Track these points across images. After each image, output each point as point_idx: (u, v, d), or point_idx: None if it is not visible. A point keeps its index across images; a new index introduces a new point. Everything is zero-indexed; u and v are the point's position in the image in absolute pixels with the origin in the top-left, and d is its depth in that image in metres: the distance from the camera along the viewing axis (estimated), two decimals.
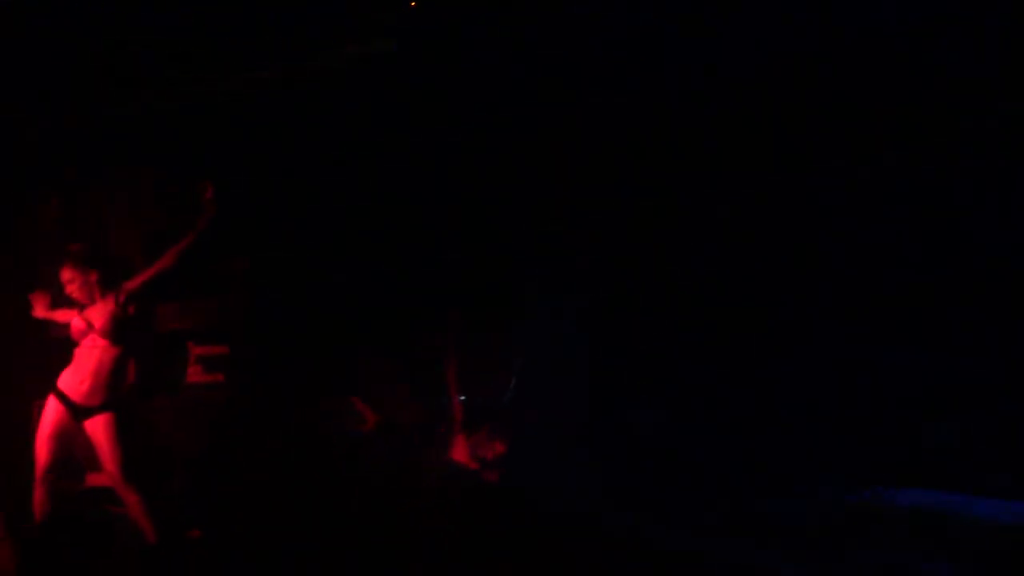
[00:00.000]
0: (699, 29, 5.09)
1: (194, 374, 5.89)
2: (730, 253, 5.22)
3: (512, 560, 4.35)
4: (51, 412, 4.86)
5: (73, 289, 4.92)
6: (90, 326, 4.88)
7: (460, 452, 5.37)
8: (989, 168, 4.61)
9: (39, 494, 4.85)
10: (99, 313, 4.91)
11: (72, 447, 4.93)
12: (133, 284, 4.95)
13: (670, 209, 5.35)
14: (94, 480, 5.48)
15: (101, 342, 4.87)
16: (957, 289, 4.67)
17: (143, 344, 5.17)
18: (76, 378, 4.88)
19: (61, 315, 5.01)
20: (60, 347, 5.09)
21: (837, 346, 4.97)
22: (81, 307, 4.95)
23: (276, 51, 5.60)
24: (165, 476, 5.38)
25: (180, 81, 5.75)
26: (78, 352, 4.92)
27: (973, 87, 4.58)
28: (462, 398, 5.66)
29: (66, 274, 4.90)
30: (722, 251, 5.23)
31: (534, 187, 5.58)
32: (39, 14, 5.34)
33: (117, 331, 4.87)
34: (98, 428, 4.77)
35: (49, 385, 5.16)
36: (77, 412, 4.84)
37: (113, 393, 4.87)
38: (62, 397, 4.88)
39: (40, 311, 5.01)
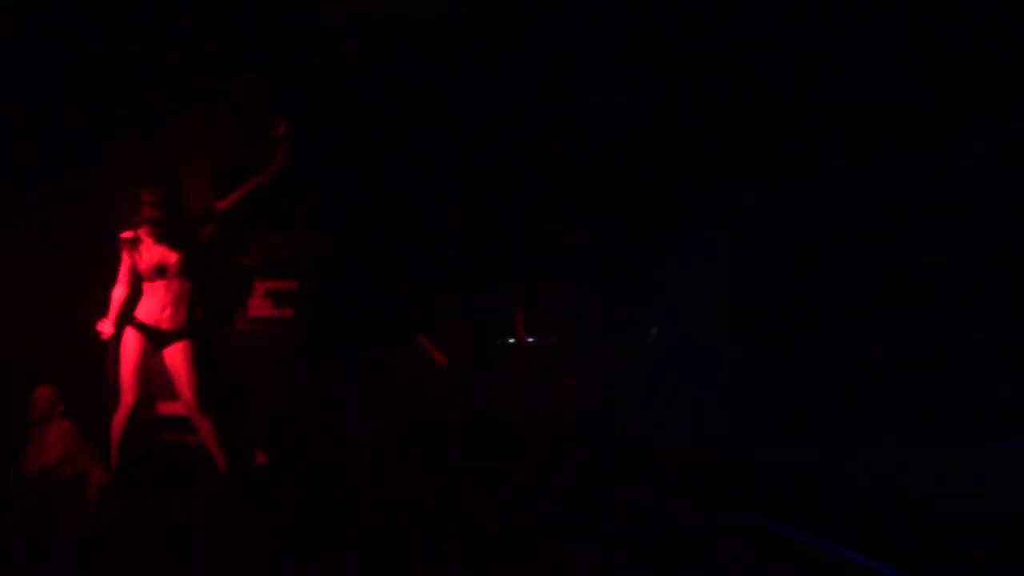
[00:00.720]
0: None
1: (263, 308, 5.92)
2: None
3: (632, 493, 4.35)
4: (131, 343, 4.98)
5: (150, 226, 4.98)
6: (165, 263, 4.97)
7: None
8: None
9: (120, 422, 5.00)
10: (174, 249, 5.00)
11: (150, 377, 5.07)
12: (206, 221, 5.09)
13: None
14: (165, 408, 5.59)
15: (175, 274, 4.99)
16: None
17: (214, 276, 5.31)
18: (154, 308, 5.00)
19: (142, 253, 5.06)
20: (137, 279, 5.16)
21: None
22: (155, 242, 5.02)
23: None
24: (237, 405, 5.46)
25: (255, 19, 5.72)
26: (154, 284, 5.02)
27: None
28: (529, 340, 5.70)
29: (146, 211, 4.97)
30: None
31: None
32: None
33: (190, 266, 4.99)
34: (176, 356, 4.92)
35: (125, 316, 5.28)
36: (156, 341, 4.96)
37: (188, 322, 5.01)
38: (141, 327, 5.00)
39: (127, 253, 5.06)
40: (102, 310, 5.43)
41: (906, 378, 4.73)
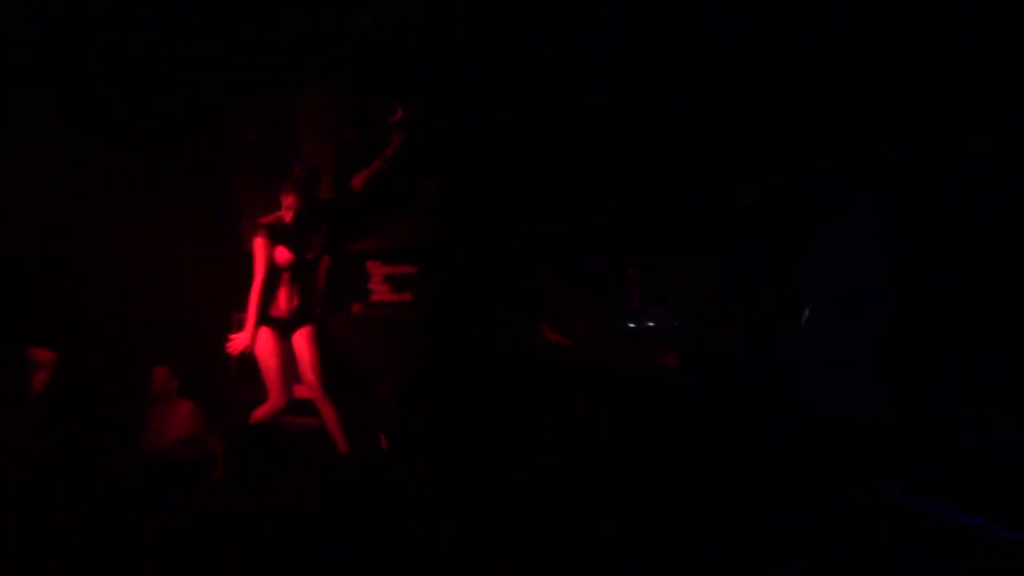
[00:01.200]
0: None
1: (382, 292, 5.92)
2: None
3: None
4: (267, 342, 4.97)
5: (291, 215, 4.92)
6: (302, 253, 4.96)
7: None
8: None
9: (262, 415, 5.03)
10: (307, 238, 4.99)
11: (293, 370, 5.06)
12: (343, 205, 5.25)
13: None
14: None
15: (313, 262, 5.05)
16: None
17: (334, 261, 5.37)
18: (284, 299, 4.99)
19: (278, 251, 5.03)
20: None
21: None
22: (289, 233, 4.96)
23: None
24: (358, 389, 5.49)
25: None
26: (287, 275, 5.00)
27: None
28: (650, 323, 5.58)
29: (288, 199, 4.90)
30: None
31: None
32: None
33: (320, 252, 5.06)
34: (301, 341, 4.94)
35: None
36: (284, 330, 4.98)
37: (312, 307, 5.03)
38: (272, 322, 5.00)
39: (261, 245, 4.97)
40: (225, 295, 5.68)
41: None
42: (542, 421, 5.03)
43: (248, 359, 5.39)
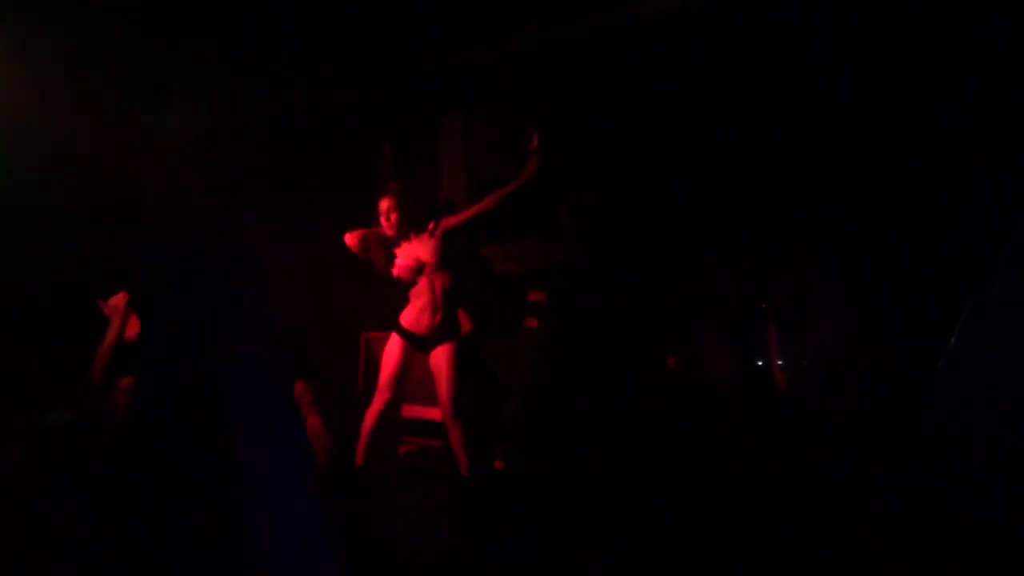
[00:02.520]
0: None
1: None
2: None
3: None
4: (394, 346, 5.05)
5: (388, 225, 5.08)
6: (420, 263, 5.03)
7: None
8: None
9: (371, 420, 5.09)
10: (423, 249, 5.08)
11: (407, 380, 5.16)
12: (451, 222, 5.11)
13: None
14: (410, 412, 5.71)
15: (433, 275, 5.06)
16: None
17: (475, 281, 5.41)
18: (416, 312, 5.08)
19: (399, 254, 5.16)
20: (386, 282, 5.30)
21: None
22: (395, 244, 5.12)
23: None
24: (484, 411, 5.44)
25: (514, 28, 5.74)
26: (414, 290, 5.11)
27: None
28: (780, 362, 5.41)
29: (384, 204, 5.12)
30: None
31: None
32: None
33: (444, 264, 5.04)
34: (439, 359, 4.95)
35: (382, 318, 5.47)
36: (419, 345, 5.02)
37: (450, 326, 5.05)
38: (403, 332, 5.07)
39: (375, 251, 5.19)
40: (356, 313, 5.83)
41: None
42: (668, 449, 4.95)
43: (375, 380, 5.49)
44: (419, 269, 5.08)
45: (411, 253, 5.16)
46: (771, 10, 4.99)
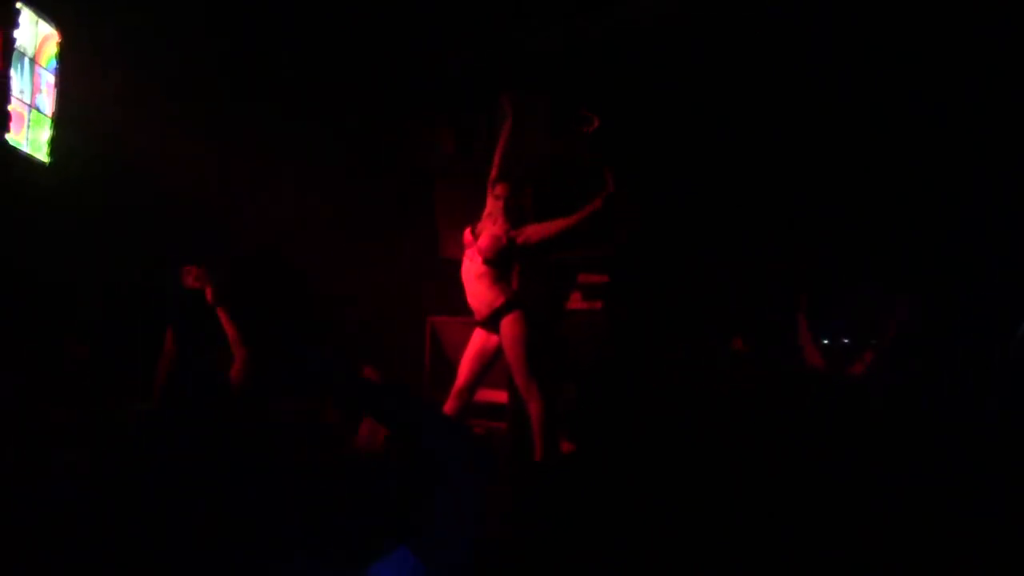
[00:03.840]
0: None
1: (574, 300, 5.89)
2: None
3: None
4: (477, 335, 4.93)
5: (494, 207, 4.92)
6: (475, 239, 4.90)
7: None
8: None
9: (450, 407, 4.93)
10: (488, 234, 4.89)
11: (487, 370, 4.98)
12: (533, 236, 4.87)
13: None
14: (479, 396, 5.45)
15: (479, 258, 4.88)
16: None
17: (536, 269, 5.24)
18: (471, 296, 4.93)
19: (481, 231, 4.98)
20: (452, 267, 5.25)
21: None
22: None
23: None
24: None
25: (579, 15, 5.78)
26: (463, 273, 4.96)
27: None
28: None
29: (498, 189, 4.94)
30: None
31: None
32: None
33: (498, 259, 4.84)
34: (505, 335, 4.74)
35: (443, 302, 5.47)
36: (489, 325, 4.87)
37: (518, 300, 4.82)
38: (479, 323, 4.96)
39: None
40: (420, 300, 5.83)
41: None
42: (729, 431, 4.80)
43: (440, 362, 5.58)
44: (504, 249, 4.87)
45: (478, 230, 4.98)
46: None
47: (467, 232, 4.87)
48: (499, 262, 4.79)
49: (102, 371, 3.97)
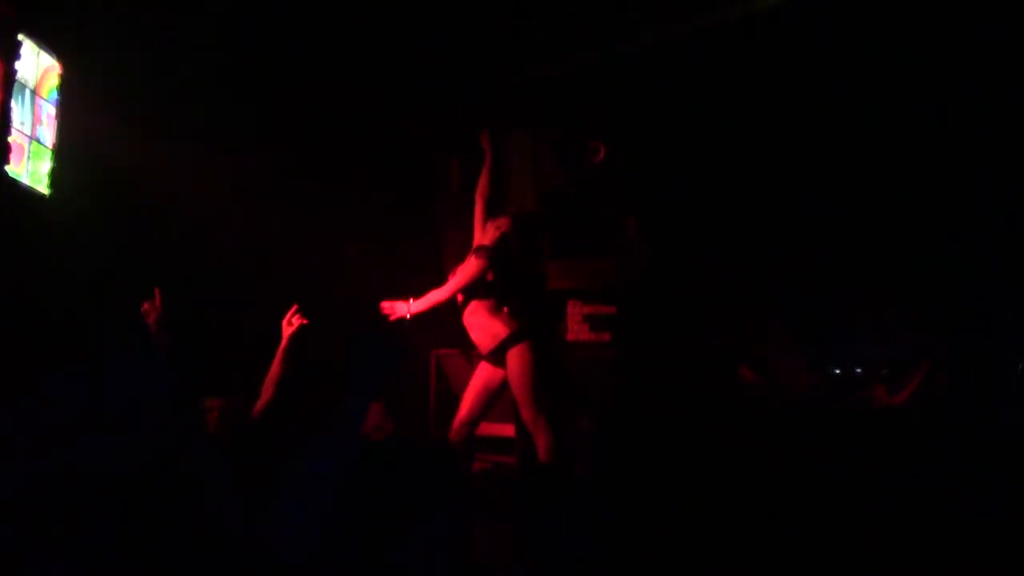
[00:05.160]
0: None
1: (580, 332, 5.83)
2: None
3: None
4: (482, 368, 4.81)
5: (498, 240, 4.72)
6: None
7: None
8: None
9: (452, 439, 4.82)
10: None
11: (491, 403, 4.86)
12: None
13: None
14: (483, 429, 5.33)
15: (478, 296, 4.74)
16: None
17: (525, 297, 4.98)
18: (473, 333, 4.80)
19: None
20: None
21: None
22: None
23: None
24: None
25: (581, 45, 5.73)
26: (462, 314, 4.82)
27: None
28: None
29: (504, 223, 4.74)
30: None
31: None
32: None
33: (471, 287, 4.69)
34: (511, 367, 4.61)
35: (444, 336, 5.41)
36: (494, 358, 4.74)
37: (523, 329, 4.65)
38: (479, 355, 4.85)
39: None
40: (426, 334, 5.67)
41: None
42: (741, 461, 4.73)
43: (445, 396, 5.48)
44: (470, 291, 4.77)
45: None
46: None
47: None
48: (473, 289, 4.65)
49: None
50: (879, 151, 5.20)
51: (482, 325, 4.69)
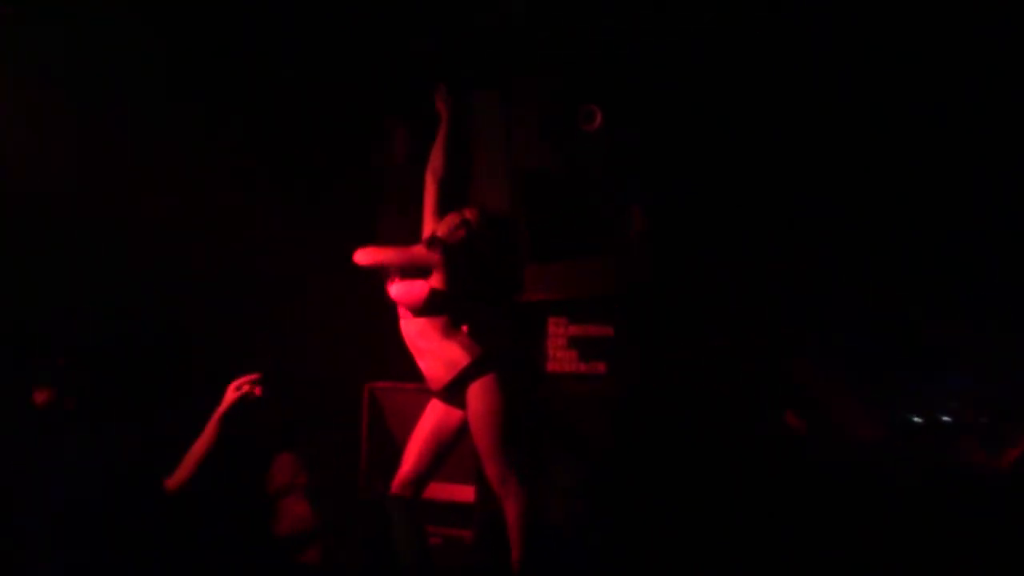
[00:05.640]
0: None
1: (566, 361, 4.88)
2: None
3: None
4: (432, 408, 4.17)
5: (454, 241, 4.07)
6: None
7: None
8: None
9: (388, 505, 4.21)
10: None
11: (444, 456, 4.16)
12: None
13: None
14: (436, 492, 4.65)
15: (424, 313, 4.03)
16: None
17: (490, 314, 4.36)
18: (422, 361, 4.11)
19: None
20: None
21: None
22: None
23: None
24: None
25: None
26: (404, 336, 4.13)
27: None
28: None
29: (471, 214, 4.13)
30: None
31: None
32: None
33: (430, 307, 4.00)
34: (473, 407, 3.99)
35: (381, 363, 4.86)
36: (449, 394, 4.06)
37: (488, 358, 4.00)
38: (429, 391, 4.22)
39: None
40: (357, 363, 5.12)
41: None
42: (781, 542, 4.05)
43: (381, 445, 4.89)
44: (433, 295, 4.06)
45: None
46: None
47: (388, 284, 4.07)
48: (431, 309, 3.97)
49: None
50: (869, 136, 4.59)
51: (433, 350, 4.07)
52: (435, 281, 3.87)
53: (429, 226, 4.15)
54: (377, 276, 4.73)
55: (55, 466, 3.33)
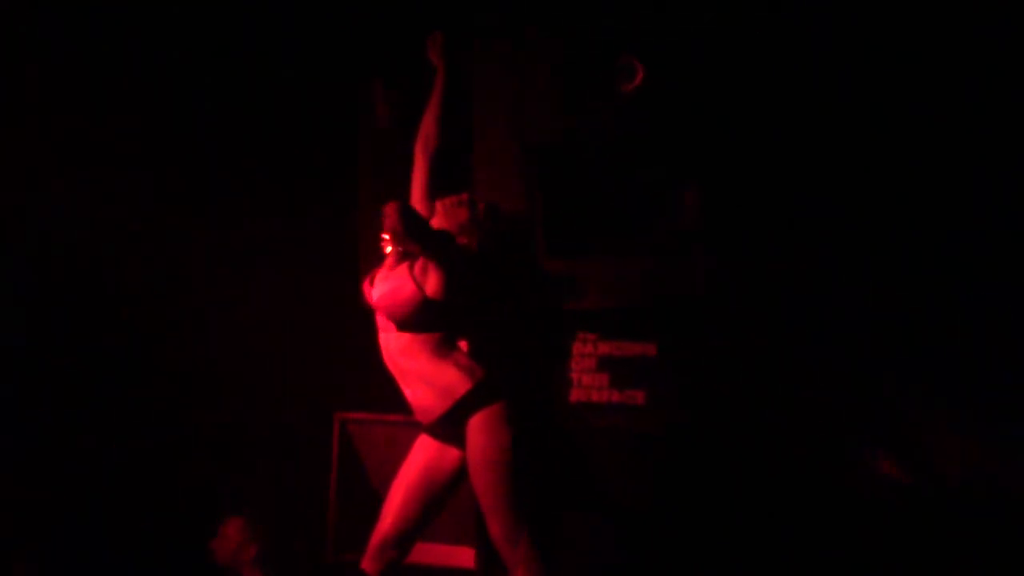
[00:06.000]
0: None
1: (593, 387, 4.13)
2: None
3: None
4: (421, 446, 3.79)
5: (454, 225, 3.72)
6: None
7: None
8: None
9: (370, 568, 3.76)
10: (392, 277, 3.63)
11: (436, 509, 3.75)
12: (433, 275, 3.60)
13: None
14: (423, 555, 4.13)
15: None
16: None
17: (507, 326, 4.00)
18: (407, 387, 3.67)
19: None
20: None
21: None
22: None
23: None
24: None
25: None
26: (383, 353, 3.70)
27: None
28: None
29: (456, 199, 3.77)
30: None
31: None
32: None
33: (417, 319, 3.59)
34: (475, 446, 3.57)
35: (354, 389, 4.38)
36: (441, 430, 3.65)
37: (472, 380, 3.57)
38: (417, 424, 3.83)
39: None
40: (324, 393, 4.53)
41: None
42: None
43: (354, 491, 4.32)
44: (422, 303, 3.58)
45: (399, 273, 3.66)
46: None
47: (366, 283, 3.70)
48: (423, 323, 3.58)
49: None
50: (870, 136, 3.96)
51: (423, 373, 3.64)
52: (428, 287, 3.39)
53: (422, 213, 3.66)
54: (352, 271, 4.22)
55: None
